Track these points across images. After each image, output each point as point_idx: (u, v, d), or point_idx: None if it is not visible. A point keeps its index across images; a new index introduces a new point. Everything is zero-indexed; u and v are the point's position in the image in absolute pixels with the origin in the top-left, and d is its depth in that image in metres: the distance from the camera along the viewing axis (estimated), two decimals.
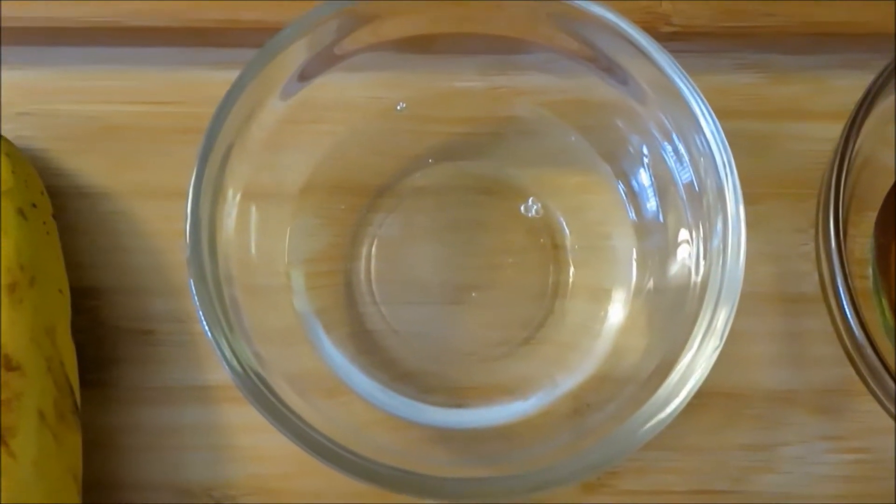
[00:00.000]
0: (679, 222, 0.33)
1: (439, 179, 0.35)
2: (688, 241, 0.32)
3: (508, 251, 0.35)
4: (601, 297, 0.35)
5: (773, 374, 0.35)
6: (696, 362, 0.29)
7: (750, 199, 0.35)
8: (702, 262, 0.31)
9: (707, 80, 0.36)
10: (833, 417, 0.35)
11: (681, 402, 0.28)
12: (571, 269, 0.35)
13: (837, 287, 0.30)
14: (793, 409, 0.35)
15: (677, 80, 0.30)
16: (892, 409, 0.31)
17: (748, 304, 0.35)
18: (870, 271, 0.35)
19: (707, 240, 0.31)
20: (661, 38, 0.35)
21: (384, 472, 0.29)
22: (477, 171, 0.35)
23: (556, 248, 0.35)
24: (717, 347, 0.29)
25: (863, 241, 0.36)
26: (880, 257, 0.35)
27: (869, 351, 0.30)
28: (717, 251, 0.30)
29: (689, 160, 0.32)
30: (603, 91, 0.34)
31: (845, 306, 0.30)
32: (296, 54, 0.31)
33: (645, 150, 0.33)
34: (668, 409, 0.29)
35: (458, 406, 0.34)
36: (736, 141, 0.36)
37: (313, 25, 0.30)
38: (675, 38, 0.37)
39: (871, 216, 0.36)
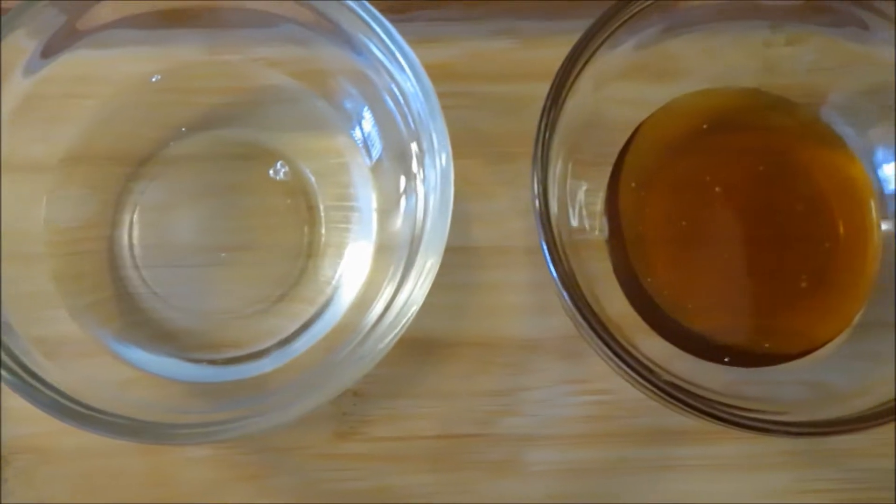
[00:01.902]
0: (407, 182, 0.34)
1: (198, 147, 0.37)
2: (409, 196, 0.34)
3: (265, 213, 0.37)
4: (349, 253, 0.36)
5: (521, 323, 0.37)
6: (405, 307, 0.31)
7: (507, 158, 0.37)
8: (419, 216, 0.33)
9: (466, 46, 0.39)
10: (576, 362, 0.37)
11: (386, 346, 0.31)
12: (323, 229, 0.37)
13: (541, 241, 0.32)
14: (539, 356, 0.37)
15: (399, 51, 0.32)
16: (600, 352, 0.32)
17: (499, 257, 0.38)
18: (604, 222, 0.37)
19: (427, 195, 0.33)
20: (409, 6, 0.37)
21: (120, 423, 0.31)
22: (233, 138, 0.37)
23: (309, 209, 0.37)
24: (422, 294, 0.31)
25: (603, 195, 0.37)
26: (609, 209, 0.37)
27: (568, 302, 0.31)
28: (433, 205, 0.32)
29: (413, 124, 0.33)
30: (342, 60, 0.35)
31: (547, 258, 0.32)
32: (28, 33, 0.33)
33: (376, 115, 0.35)
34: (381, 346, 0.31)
35: (217, 362, 0.36)
36: (492, 103, 0.38)
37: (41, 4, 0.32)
38: (426, 7, 0.39)
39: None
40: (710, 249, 0.37)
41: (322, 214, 0.37)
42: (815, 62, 0.37)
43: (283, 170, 0.36)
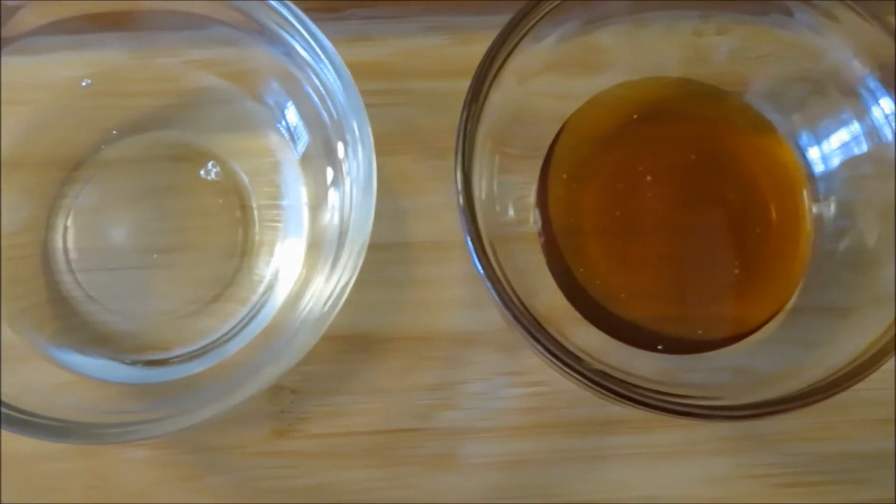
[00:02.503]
0: (334, 176, 0.34)
1: (130, 150, 0.37)
2: (337, 190, 0.34)
3: (198, 214, 0.37)
4: (282, 251, 0.37)
5: (457, 317, 0.37)
6: (328, 299, 0.31)
7: (441, 154, 0.37)
8: (346, 210, 0.33)
9: (399, 44, 0.39)
10: (512, 354, 0.37)
11: (306, 342, 0.31)
12: (256, 228, 0.37)
13: (465, 235, 0.32)
14: (475, 349, 0.37)
15: (321, 47, 0.33)
16: (528, 344, 0.32)
17: (434, 252, 0.38)
18: (536, 214, 0.37)
19: (352, 188, 0.33)
20: (341, 5, 0.37)
21: (48, 426, 0.31)
22: (165, 140, 0.37)
23: (243, 208, 0.37)
24: (347, 285, 0.31)
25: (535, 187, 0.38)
26: (540, 201, 0.37)
27: (493, 295, 0.32)
28: (357, 197, 0.32)
29: (336, 118, 0.34)
30: (269, 59, 0.36)
31: (472, 252, 0.32)
32: None
33: (302, 112, 0.35)
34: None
35: (152, 363, 0.36)
36: (425, 100, 0.38)
37: None
38: (357, 5, 0.39)
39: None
40: (643, 239, 0.37)
41: (255, 213, 0.37)
42: (744, 50, 0.37)
43: (214, 170, 0.36)
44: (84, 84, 0.36)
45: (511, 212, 0.37)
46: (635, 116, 0.38)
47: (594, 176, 0.37)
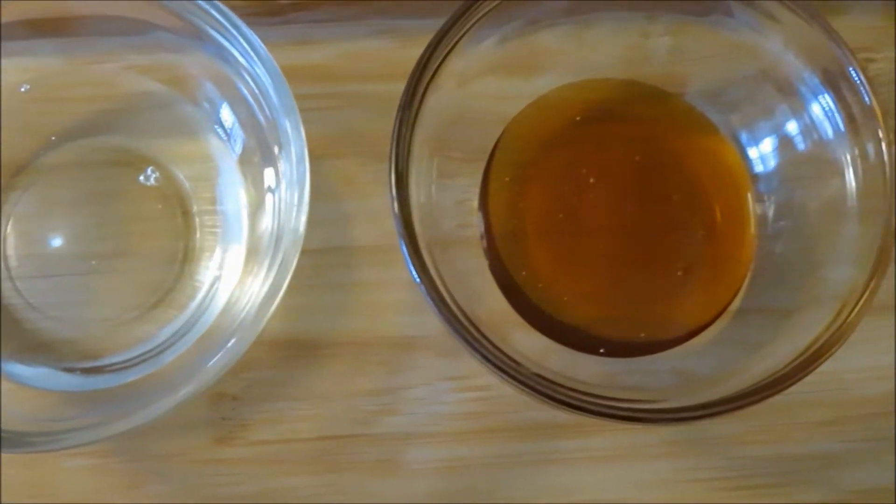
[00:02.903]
0: (270, 181, 0.34)
1: (70, 156, 0.37)
2: (274, 194, 0.34)
3: (139, 220, 0.37)
4: (222, 256, 0.36)
5: (400, 321, 0.37)
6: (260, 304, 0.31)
7: (383, 157, 0.37)
8: (282, 214, 0.33)
9: (343, 47, 0.39)
10: (455, 359, 0.37)
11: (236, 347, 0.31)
12: (198, 233, 0.37)
13: (399, 241, 0.32)
14: (418, 353, 0.37)
15: (254, 51, 0.33)
16: (465, 349, 0.32)
17: (378, 256, 0.37)
18: (479, 218, 0.37)
19: (288, 191, 0.33)
20: (283, 9, 0.37)
21: None
22: (104, 145, 0.37)
23: (184, 213, 0.37)
24: (277, 290, 0.32)
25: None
26: (482, 204, 0.37)
27: (428, 300, 0.31)
28: (289, 203, 0.32)
29: (272, 122, 0.33)
30: (206, 64, 0.35)
31: (406, 257, 0.32)
32: None
33: (240, 117, 0.35)
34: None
35: (92, 370, 0.36)
36: (369, 103, 0.38)
37: None
38: (299, 8, 0.39)
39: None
40: (587, 241, 0.37)
41: (196, 218, 0.37)
42: (688, 51, 0.37)
43: (153, 175, 0.36)
44: (23, 90, 0.36)
45: (454, 216, 0.37)
46: (579, 118, 0.37)
47: (537, 178, 0.37)
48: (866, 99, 0.33)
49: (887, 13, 0.40)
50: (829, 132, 0.34)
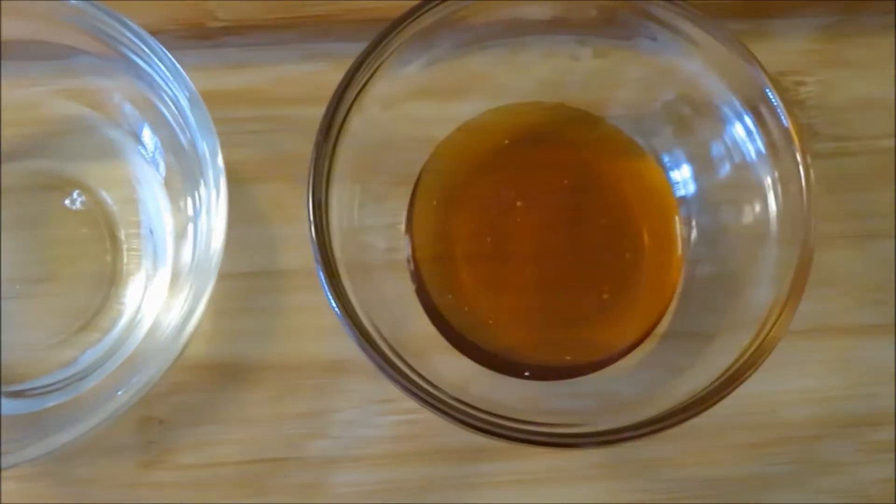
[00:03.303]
0: (194, 205, 0.34)
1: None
2: (197, 218, 0.34)
3: (65, 244, 0.37)
4: (149, 280, 0.36)
5: (328, 345, 0.37)
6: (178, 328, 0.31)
7: None
8: (202, 238, 0.33)
9: (275, 71, 0.39)
10: (383, 382, 0.36)
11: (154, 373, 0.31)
12: (125, 257, 0.37)
13: (316, 266, 0.32)
14: (347, 377, 0.37)
15: (175, 75, 0.33)
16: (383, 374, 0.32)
17: (306, 279, 0.37)
18: (406, 241, 0.37)
19: (208, 216, 0.33)
20: (214, 33, 0.37)
21: None
22: (30, 169, 0.37)
23: (112, 238, 0.37)
24: (192, 314, 0.31)
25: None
26: (409, 227, 0.37)
27: (343, 324, 0.31)
28: (206, 226, 0.32)
29: (194, 146, 0.33)
30: (131, 88, 0.36)
31: (323, 283, 0.32)
32: None
33: (164, 141, 0.35)
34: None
35: (14, 394, 0.36)
36: (300, 127, 0.38)
37: None
38: (230, 32, 0.39)
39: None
40: (513, 265, 0.37)
41: (122, 242, 0.37)
42: (615, 75, 0.37)
43: (79, 199, 0.36)
44: None
45: (383, 239, 0.37)
46: (507, 142, 0.38)
47: (465, 202, 0.37)
48: (784, 121, 0.33)
49: (819, 36, 0.40)
50: (750, 155, 0.34)
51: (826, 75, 0.40)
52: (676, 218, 0.37)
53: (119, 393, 0.31)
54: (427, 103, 0.37)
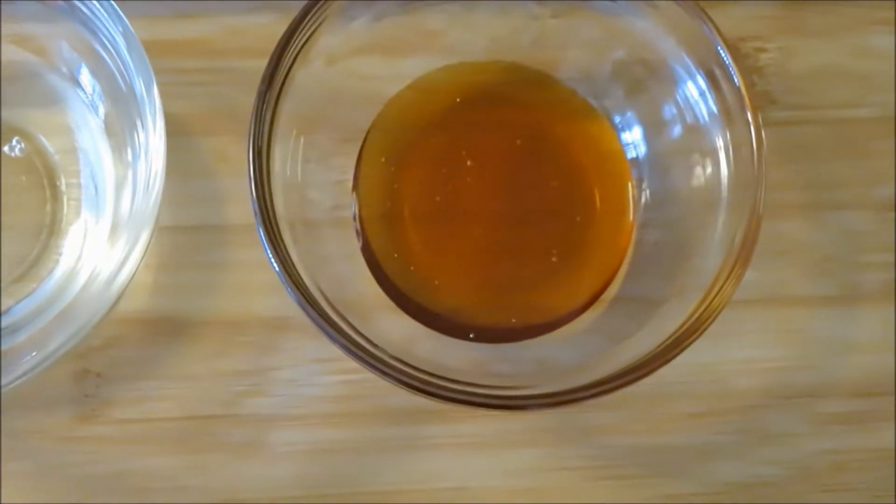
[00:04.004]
0: (133, 156, 0.34)
1: None
2: (136, 169, 0.33)
3: (5, 192, 0.36)
4: (88, 229, 0.36)
5: (272, 302, 0.36)
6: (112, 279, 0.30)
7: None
8: (140, 188, 0.32)
9: (224, 22, 0.38)
10: (325, 341, 0.36)
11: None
12: (65, 207, 0.36)
13: (255, 221, 0.31)
14: (288, 335, 0.36)
15: (120, 24, 0.32)
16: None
17: (253, 235, 0.36)
18: (353, 198, 0.36)
19: (149, 166, 0.32)
20: None
21: None
22: None
23: (52, 186, 0.36)
24: (125, 265, 0.31)
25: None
26: (356, 185, 0.36)
27: (283, 282, 0.31)
28: (145, 175, 0.32)
29: (136, 98, 0.33)
30: (70, 32, 0.35)
31: (261, 237, 0.31)
32: None
33: (107, 90, 0.35)
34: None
35: None
36: (249, 80, 0.37)
37: None
38: None
39: None
40: (462, 225, 0.36)
41: (63, 191, 0.36)
42: (571, 35, 0.37)
43: (18, 146, 0.36)
44: None
45: (330, 196, 0.36)
46: (459, 100, 0.37)
47: (414, 160, 0.36)
48: (735, 81, 0.32)
49: (781, 3, 0.39)
50: (703, 117, 0.34)
51: (787, 42, 0.39)
52: (630, 182, 0.36)
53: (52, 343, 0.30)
54: (376, 59, 0.36)
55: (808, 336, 0.37)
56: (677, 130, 0.35)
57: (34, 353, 0.31)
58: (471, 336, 0.35)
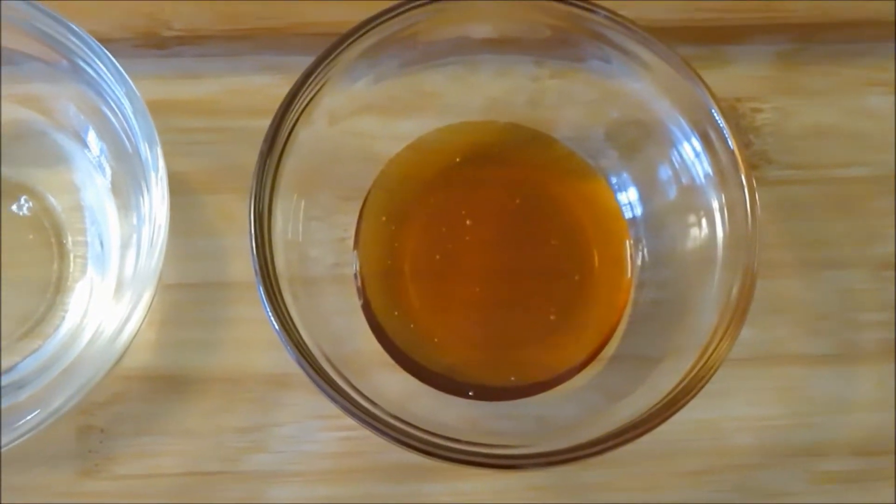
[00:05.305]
0: (138, 216, 0.34)
1: None
2: (141, 228, 0.34)
3: (13, 250, 0.37)
4: (94, 288, 0.36)
5: (273, 359, 0.37)
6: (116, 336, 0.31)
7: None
8: (144, 248, 0.33)
9: (228, 82, 0.39)
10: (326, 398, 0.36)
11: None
12: (71, 265, 0.36)
13: (256, 279, 0.32)
14: (289, 391, 0.37)
15: (124, 85, 0.33)
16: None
17: (253, 292, 0.37)
18: (354, 256, 0.37)
19: (152, 226, 0.33)
20: (167, 42, 0.37)
21: None
22: None
23: (59, 244, 0.37)
24: (128, 323, 0.32)
25: None
26: (358, 243, 0.37)
27: (282, 339, 0.31)
28: (149, 235, 0.32)
29: (139, 157, 0.33)
30: (76, 93, 0.35)
31: (261, 295, 0.32)
32: None
33: (112, 150, 0.35)
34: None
35: None
36: (252, 139, 0.38)
37: None
38: (184, 42, 0.39)
39: None
40: (462, 283, 0.37)
41: (69, 249, 0.36)
42: (568, 96, 0.37)
43: (27, 205, 0.36)
44: None
45: (331, 254, 0.37)
46: (459, 160, 0.37)
47: (414, 218, 0.37)
48: (729, 143, 0.33)
49: (776, 63, 0.40)
50: (699, 178, 0.34)
51: (784, 102, 0.40)
52: (627, 241, 0.37)
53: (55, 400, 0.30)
54: (377, 119, 0.37)
55: (806, 394, 0.37)
56: (673, 191, 0.35)
57: (37, 412, 0.31)
58: (470, 394, 0.35)
